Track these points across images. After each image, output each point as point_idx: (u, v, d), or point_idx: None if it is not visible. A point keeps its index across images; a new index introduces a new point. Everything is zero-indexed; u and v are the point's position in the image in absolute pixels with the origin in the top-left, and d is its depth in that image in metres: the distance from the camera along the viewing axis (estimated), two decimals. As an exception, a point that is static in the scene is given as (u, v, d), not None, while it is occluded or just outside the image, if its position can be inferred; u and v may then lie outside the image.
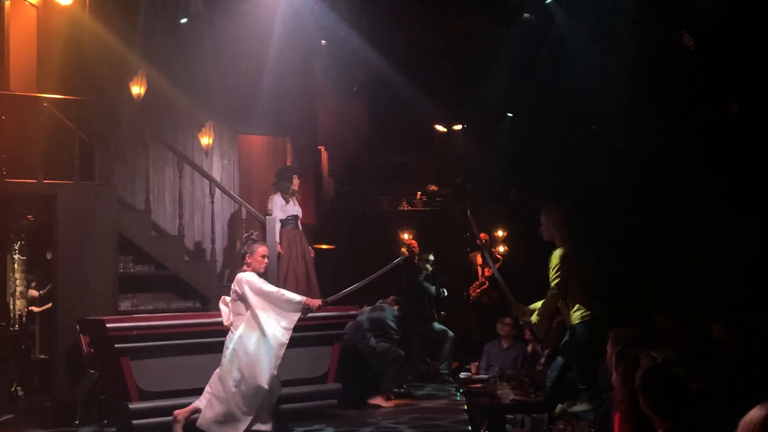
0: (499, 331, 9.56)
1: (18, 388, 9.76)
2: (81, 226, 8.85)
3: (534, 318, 6.50)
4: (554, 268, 6.37)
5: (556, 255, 6.41)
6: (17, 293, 10.32)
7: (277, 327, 6.91)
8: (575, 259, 6.40)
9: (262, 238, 8.83)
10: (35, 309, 10.43)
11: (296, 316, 6.99)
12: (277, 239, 9.86)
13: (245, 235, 7.44)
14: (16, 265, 10.37)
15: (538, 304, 6.56)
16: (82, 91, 9.38)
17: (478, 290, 12.02)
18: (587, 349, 6.30)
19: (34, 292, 10.37)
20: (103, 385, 7.97)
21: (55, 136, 9.06)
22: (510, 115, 14.70)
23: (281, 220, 10.01)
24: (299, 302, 6.98)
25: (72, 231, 8.81)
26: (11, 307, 10.10)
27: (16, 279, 10.31)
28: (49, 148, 8.94)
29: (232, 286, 7.05)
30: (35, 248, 10.54)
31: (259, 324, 6.85)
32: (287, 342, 6.95)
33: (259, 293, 6.91)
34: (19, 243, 10.42)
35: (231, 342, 6.91)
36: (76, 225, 8.84)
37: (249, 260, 7.12)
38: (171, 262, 9.39)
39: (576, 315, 6.39)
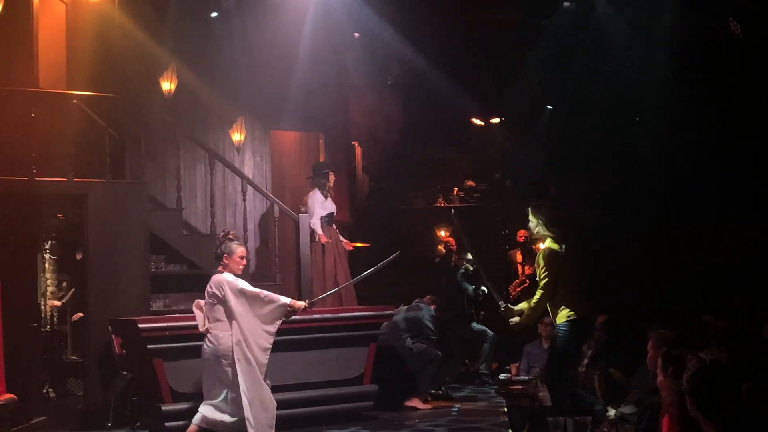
0: (540, 331, 9.33)
1: (50, 389, 9.71)
2: (112, 226, 8.77)
3: (523, 318, 6.70)
4: (542, 268, 6.51)
5: (543, 255, 6.54)
6: (48, 293, 10.26)
7: (260, 332, 6.46)
8: (562, 260, 6.55)
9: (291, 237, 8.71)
10: (56, 303, 10.36)
11: (280, 319, 6.56)
12: (321, 235, 9.72)
13: (222, 233, 6.80)
14: (47, 265, 10.31)
15: (525, 305, 6.68)
16: (111, 88, 9.30)
17: (519, 289, 11.74)
18: (566, 348, 6.57)
19: (56, 302, 10.29)
20: (135, 386, 7.90)
21: (85, 134, 8.99)
22: (549, 107, 14.42)
23: (321, 217, 9.83)
24: (284, 305, 6.52)
25: (103, 230, 8.74)
26: (42, 307, 10.03)
27: (47, 279, 10.25)
28: (80, 146, 8.87)
29: (208, 289, 6.52)
30: (66, 248, 10.48)
31: (241, 329, 6.38)
32: (270, 347, 6.54)
33: (242, 295, 6.44)
34: (49, 242, 10.36)
35: (210, 351, 6.45)
36: (107, 224, 8.77)
37: (226, 261, 6.58)
38: (203, 261, 9.25)
39: (562, 314, 6.53)
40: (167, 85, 9.63)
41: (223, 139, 10.57)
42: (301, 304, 6.68)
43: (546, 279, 6.50)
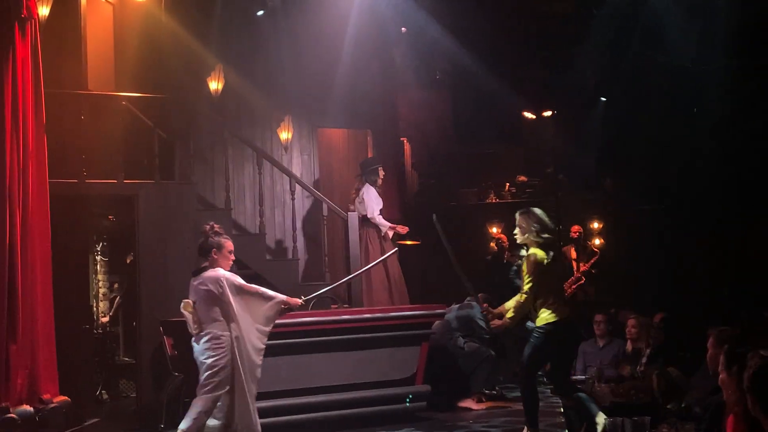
0: (595, 330, 9.11)
1: (103, 391, 9.79)
2: (162, 226, 8.81)
3: (506, 319, 6.79)
4: (530, 272, 6.65)
5: (528, 263, 6.71)
6: (100, 295, 10.34)
7: (254, 331, 6.04)
8: (547, 266, 6.71)
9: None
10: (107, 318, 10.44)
11: (275, 318, 6.18)
12: (390, 227, 9.67)
13: (207, 226, 6.22)
14: (98, 267, 10.40)
15: (509, 304, 6.81)
16: (159, 89, 9.35)
17: (574, 286, 11.50)
18: (542, 350, 6.65)
19: (104, 319, 10.37)
20: (187, 387, 7.84)
21: (134, 135, 9.04)
22: (603, 99, 14.13)
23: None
24: (280, 302, 6.14)
25: (153, 231, 8.78)
26: (94, 309, 10.11)
27: (99, 281, 10.34)
28: (129, 148, 8.92)
29: (201, 287, 6.01)
30: (117, 249, 10.55)
31: (240, 328, 5.97)
32: (264, 348, 6.14)
33: (241, 292, 6.03)
34: (101, 244, 10.44)
35: (207, 353, 5.98)
36: (157, 225, 8.81)
37: (215, 256, 6.08)
38: (253, 261, 9.23)
39: (543, 317, 6.64)
40: (214, 85, 9.65)
41: (270, 137, 10.54)
42: (297, 301, 6.31)
43: (530, 284, 6.62)
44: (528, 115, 14.04)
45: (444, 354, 8.91)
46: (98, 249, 10.43)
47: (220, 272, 6.02)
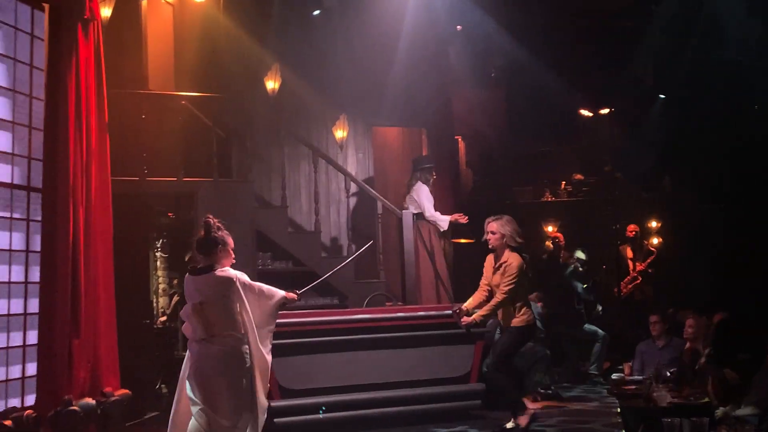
0: (651, 330, 8.96)
1: (162, 385, 9.91)
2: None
3: (475, 317, 7.17)
4: (512, 275, 7.06)
5: (519, 266, 7.12)
6: (160, 290, 10.50)
7: (263, 331, 5.62)
8: (525, 270, 7.25)
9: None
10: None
11: (276, 317, 5.74)
12: (447, 218, 9.66)
13: (210, 219, 5.65)
14: (158, 263, 10.56)
15: (471, 301, 7.27)
16: (217, 88, 9.45)
17: (630, 286, 11.37)
18: (516, 348, 7.35)
19: (163, 318, 10.52)
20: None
21: (193, 134, 9.15)
22: (662, 96, 13.89)
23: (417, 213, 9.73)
24: (283, 297, 5.72)
25: (211, 228, 8.82)
26: (155, 304, 10.27)
27: (159, 276, 10.50)
28: (188, 146, 9.03)
29: (208, 290, 5.47)
30: (176, 246, 10.70)
31: (252, 328, 5.51)
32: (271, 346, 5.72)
33: (250, 290, 5.58)
34: (161, 241, 10.60)
35: (219, 356, 5.42)
36: (216, 222, 8.86)
37: (221, 253, 5.56)
38: (308, 259, 9.30)
39: (523, 318, 7.18)
40: (271, 84, 9.72)
41: (326, 136, 10.59)
42: (293, 295, 5.85)
43: (512, 287, 7.06)
44: (584, 112, 13.90)
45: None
46: (158, 246, 10.58)
47: (231, 271, 5.52)
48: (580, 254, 10.73)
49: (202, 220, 5.72)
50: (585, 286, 10.59)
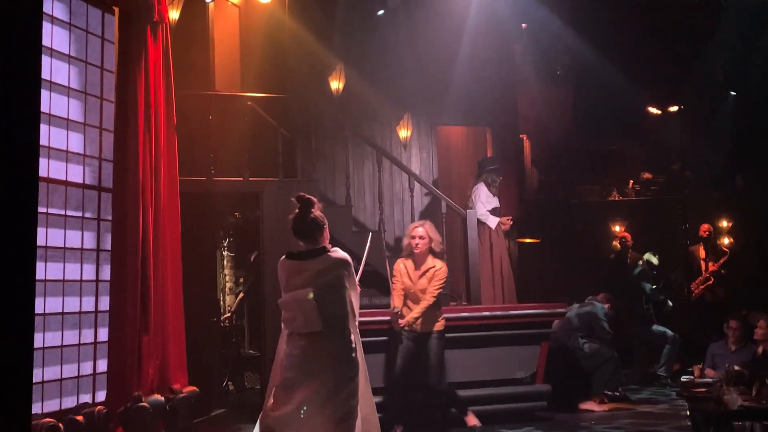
0: (726, 331, 8.74)
1: (229, 383, 10.02)
2: (285, 223, 8.86)
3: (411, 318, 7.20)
4: (442, 280, 7.19)
5: (445, 270, 7.28)
6: (227, 289, 10.62)
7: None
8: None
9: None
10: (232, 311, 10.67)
11: None
12: (491, 223, 9.57)
13: (306, 196, 5.12)
14: (225, 262, 10.67)
15: (399, 304, 7.29)
16: (282, 89, 9.52)
17: (702, 287, 11.10)
18: (443, 353, 7.34)
19: (226, 314, 10.63)
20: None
21: (259, 134, 9.22)
22: (733, 94, 13.52)
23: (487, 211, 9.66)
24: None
25: (277, 227, 8.86)
26: (221, 303, 10.39)
27: (225, 275, 10.62)
28: (254, 146, 9.10)
29: (326, 272, 4.91)
30: (242, 245, 10.81)
31: (356, 327, 5.08)
32: None
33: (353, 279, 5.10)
34: (227, 240, 10.72)
35: (334, 360, 4.85)
36: (281, 221, 8.82)
37: (325, 234, 5.05)
38: (372, 258, 9.24)
39: (441, 323, 7.30)
40: (335, 84, 9.75)
41: (390, 135, 10.58)
42: None
43: (441, 290, 7.25)
44: (653, 110, 13.61)
45: (565, 354, 8.79)
46: (225, 245, 10.70)
47: (342, 252, 4.95)
48: (652, 258, 10.52)
49: (295, 197, 5.05)
50: (654, 286, 10.37)
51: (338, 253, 4.93)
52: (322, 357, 4.76)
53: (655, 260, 10.53)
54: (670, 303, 10.55)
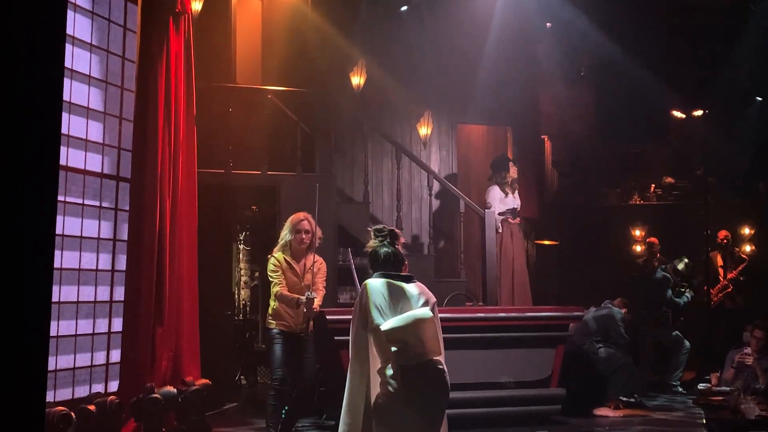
0: (747, 340, 8.62)
1: (242, 377, 10.01)
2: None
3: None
4: (326, 274, 6.89)
5: (325, 265, 6.97)
6: (242, 283, 10.60)
7: None
8: None
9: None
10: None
11: None
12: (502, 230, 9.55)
13: (394, 230, 4.85)
14: (241, 255, 10.66)
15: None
16: (303, 83, 9.50)
17: (721, 294, 10.96)
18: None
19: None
20: (323, 377, 7.94)
21: (278, 128, 9.21)
22: (759, 99, 13.34)
23: (498, 213, 9.62)
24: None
25: (293, 222, 8.85)
26: (236, 296, 10.37)
27: (241, 269, 10.60)
28: (273, 140, 9.09)
29: (431, 301, 4.53)
30: (259, 239, 10.79)
31: None
32: None
33: None
34: (243, 234, 10.71)
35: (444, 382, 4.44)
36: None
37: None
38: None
39: (312, 322, 6.89)
40: (356, 80, 9.71)
41: (409, 132, 10.54)
42: None
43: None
44: (677, 113, 13.45)
45: (580, 358, 8.69)
46: (241, 238, 10.69)
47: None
48: (679, 264, 10.41)
49: (371, 230, 4.77)
50: (677, 289, 10.27)
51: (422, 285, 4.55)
52: (445, 383, 4.37)
53: (681, 266, 10.41)
54: (688, 297, 10.38)
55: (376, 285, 4.38)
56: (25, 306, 2.09)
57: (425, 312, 4.25)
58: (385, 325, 4.21)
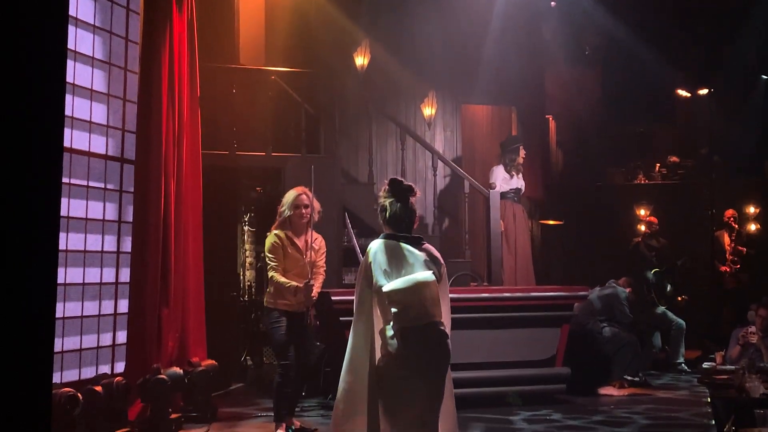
0: (754, 319, 8.62)
1: (247, 357, 10.04)
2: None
3: None
4: (325, 253, 6.61)
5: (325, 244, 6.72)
6: (247, 264, 10.61)
7: None
8: None
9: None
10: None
11: None
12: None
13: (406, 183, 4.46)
14: (246, 237, 10.66)
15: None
16: (307, 64, 9.47)
17: (728, 270, 10.96)
18: None
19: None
20: (328, 357, 7.96)
21: (282, 109, 9.19)
22: (765, 77, 13.27)
23: (501, 193, 9.61)
24: None
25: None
26: (241, 277, 10.38)
27: (246, 250, 10.61)
28: (277, 121, 9.07)
29: (440, 261, 4.40)
30: (264, 221, 10.78)
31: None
32: None
33: None
34: (248, 215, 10.70)
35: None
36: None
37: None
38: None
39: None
40: (360, 61, 9.68)
41: (414, 113, 10.51)
42: None
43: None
44: (682, 92, 13.38)
45: (585, 337, 8.71)
46: (246, 220, 10.69)
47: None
48: (649, 274, 10.37)
49: (387, 180, 4.48)
50: (654, 271, 10.25)
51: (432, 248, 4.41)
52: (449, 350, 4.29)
53: (650, 275, 10.35)
54: (670, 287, 10.39)
55: (381, 246, 4.31)
56: (30, 288, 2.09)
57: (427, 275, 4.18)
58: (387, 286, 4.17)
